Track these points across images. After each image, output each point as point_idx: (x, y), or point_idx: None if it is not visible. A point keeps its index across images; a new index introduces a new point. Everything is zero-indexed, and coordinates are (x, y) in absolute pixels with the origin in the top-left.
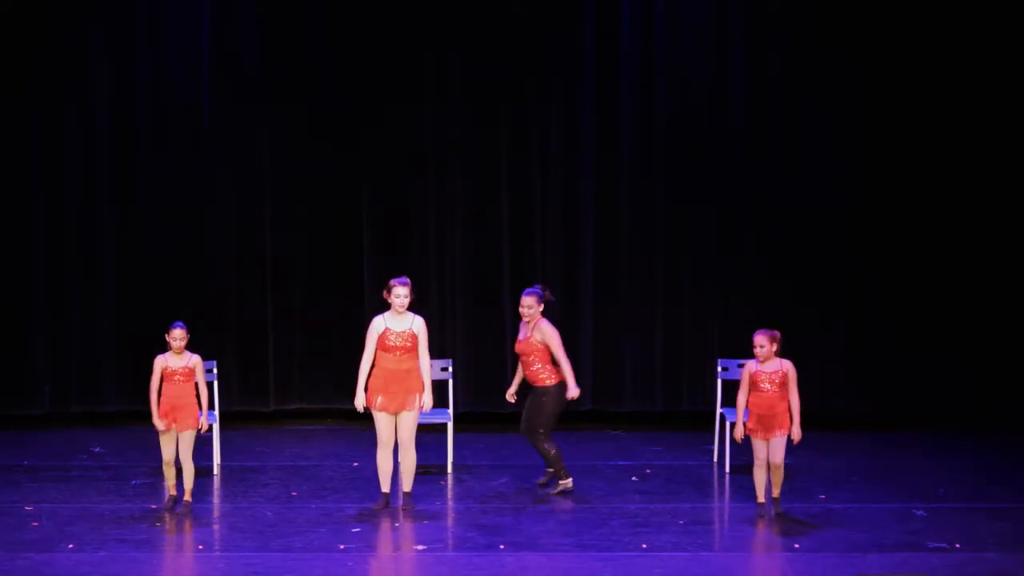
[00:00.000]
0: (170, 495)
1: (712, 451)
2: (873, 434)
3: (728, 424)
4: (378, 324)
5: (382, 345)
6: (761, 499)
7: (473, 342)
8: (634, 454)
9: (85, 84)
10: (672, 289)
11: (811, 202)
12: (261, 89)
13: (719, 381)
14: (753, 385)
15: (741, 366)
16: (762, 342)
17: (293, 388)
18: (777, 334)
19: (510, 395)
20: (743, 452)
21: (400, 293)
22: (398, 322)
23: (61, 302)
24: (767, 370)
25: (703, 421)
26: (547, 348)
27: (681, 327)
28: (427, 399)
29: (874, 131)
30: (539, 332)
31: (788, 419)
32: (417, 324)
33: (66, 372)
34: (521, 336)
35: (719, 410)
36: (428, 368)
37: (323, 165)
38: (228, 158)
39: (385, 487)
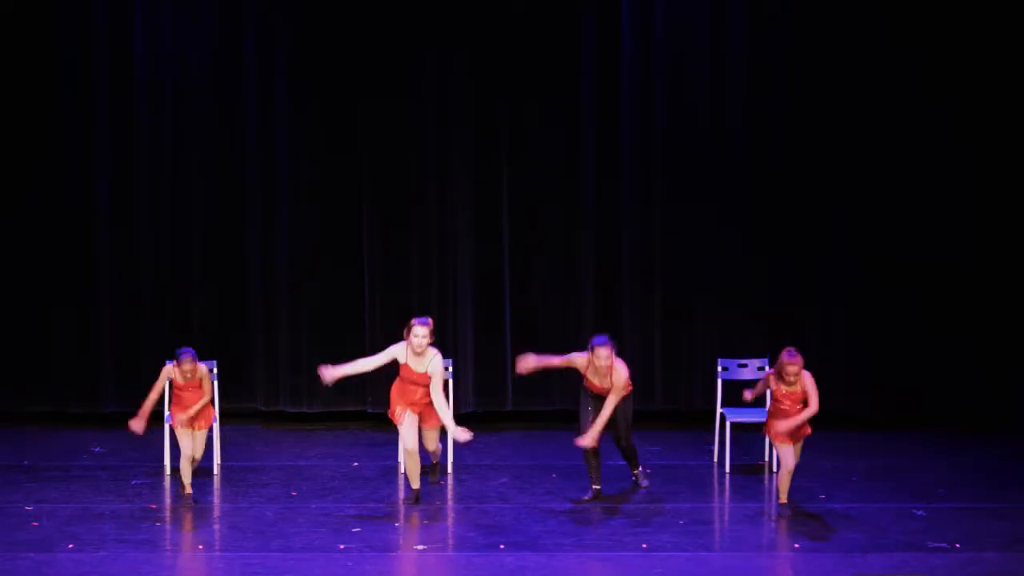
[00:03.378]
0: (187, 492)
1: (712, 451)
2: (873, 434)
3: (728, 424)
4: (399, 353)
5: (404, 375)
6: (783, 499)
7: (473, 342)
8: None
9: (85, 85)
10: (672, 289)
11: (811, 202)
12: (261, 89)
13: (719, 381)
14: (775, 400)
15: (742, 366)
16: (796, 370)
17: (293, 390)
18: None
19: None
20: (743, 452)
21: (419, 333)
22: (417, 362)
23: (60, 302)
24: (793, 390)
25: (703, 421)
26: None
27: (681, 327)
28: (453, 431)
29: (875, 130)
30: (617, 375)
31: (808, 426)
32: (433, 366)
33: (66, 372)
34: (597, 383)
35: (719, 410)
36: (444, 409)
37: (323, 165)
38: (228, 158)
39: (415, 484)
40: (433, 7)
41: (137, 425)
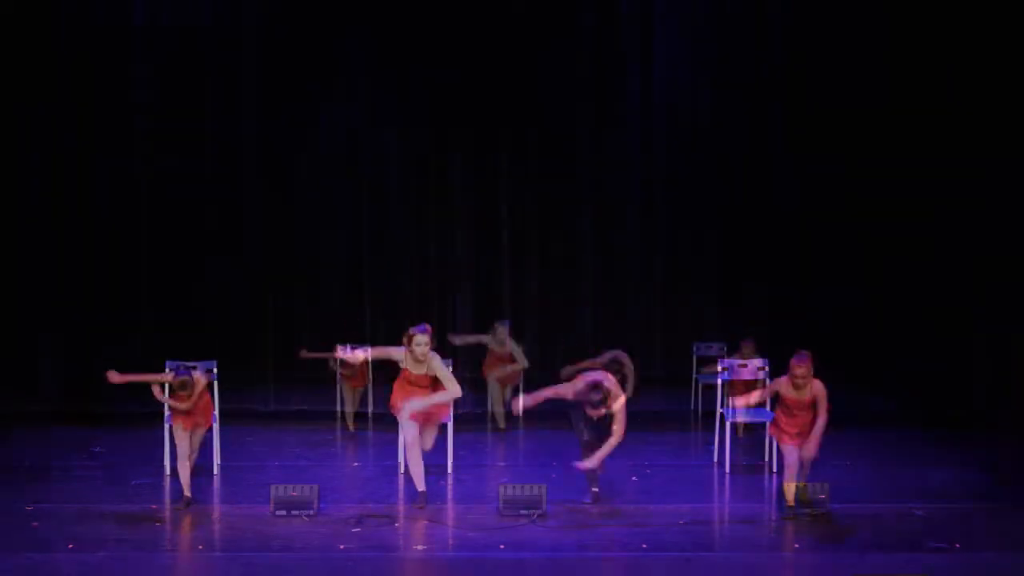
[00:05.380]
0: (185, 496)
1: (712, 451)
2: (873, 434)
3: (729, 424)
4: (399, 356)
5: (405, 376)
6: (791, 502)
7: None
8: (634, 454)
9: (86, 85)
10: (673, 291)
11: (811, 205)
12: (263, 92)
13: (719, 381)
14: (785, 407)
15: (742, 366)
16: (804, 373)
17: (293, 389)
18: (811, 357)
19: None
20: (743, 452)
21: (420, 342)
22: (417, 367)
23: (60, 302)
24: (801, 396)
25: (703, 421)
26: None
27: (682, 328)
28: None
29: (874, 131)
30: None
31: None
32: (433, 366)
33: (66, 372)
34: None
35: (719, 410)
36: (457, 392)
37: (323, 165)
38: (228, 158)
39: (420, 486)
40: (433, 13)
41: (115, 377)
